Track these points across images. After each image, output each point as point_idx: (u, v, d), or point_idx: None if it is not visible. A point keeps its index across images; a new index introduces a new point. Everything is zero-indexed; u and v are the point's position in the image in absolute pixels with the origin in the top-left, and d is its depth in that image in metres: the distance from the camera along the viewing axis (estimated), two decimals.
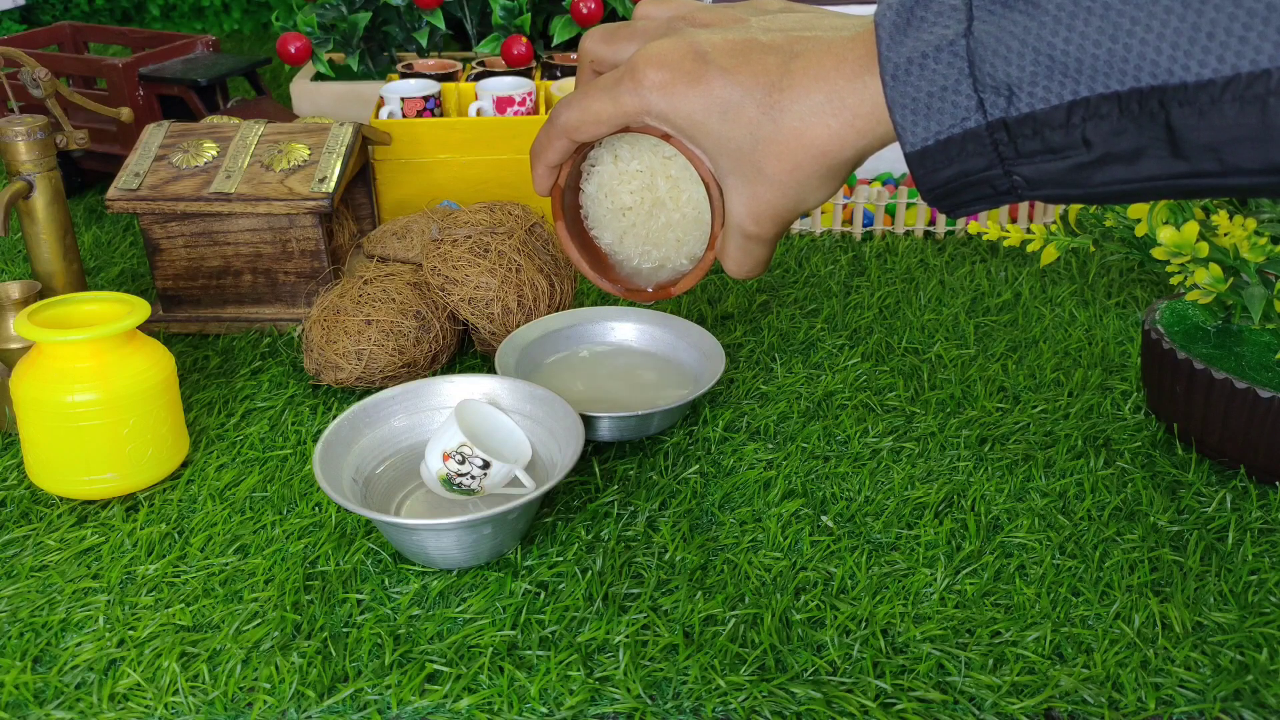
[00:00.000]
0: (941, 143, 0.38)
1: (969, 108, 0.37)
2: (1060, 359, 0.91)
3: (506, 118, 1.14)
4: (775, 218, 0.48)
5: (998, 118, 0.37)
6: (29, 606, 0.64)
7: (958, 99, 0.37)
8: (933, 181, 0.40)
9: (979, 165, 0.38)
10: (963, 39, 0.37)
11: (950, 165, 0.39)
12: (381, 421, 0.73)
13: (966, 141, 0.38)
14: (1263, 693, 0.58)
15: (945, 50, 0.37)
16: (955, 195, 0.40)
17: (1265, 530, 0.70)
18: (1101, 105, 0.35)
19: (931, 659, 0.60)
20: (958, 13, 0.37)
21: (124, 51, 1.54)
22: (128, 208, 0.92)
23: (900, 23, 0.39)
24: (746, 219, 0.48)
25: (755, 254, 0.51)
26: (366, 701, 0.57)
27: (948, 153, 0.38)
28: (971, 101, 0.37)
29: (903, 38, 0.39)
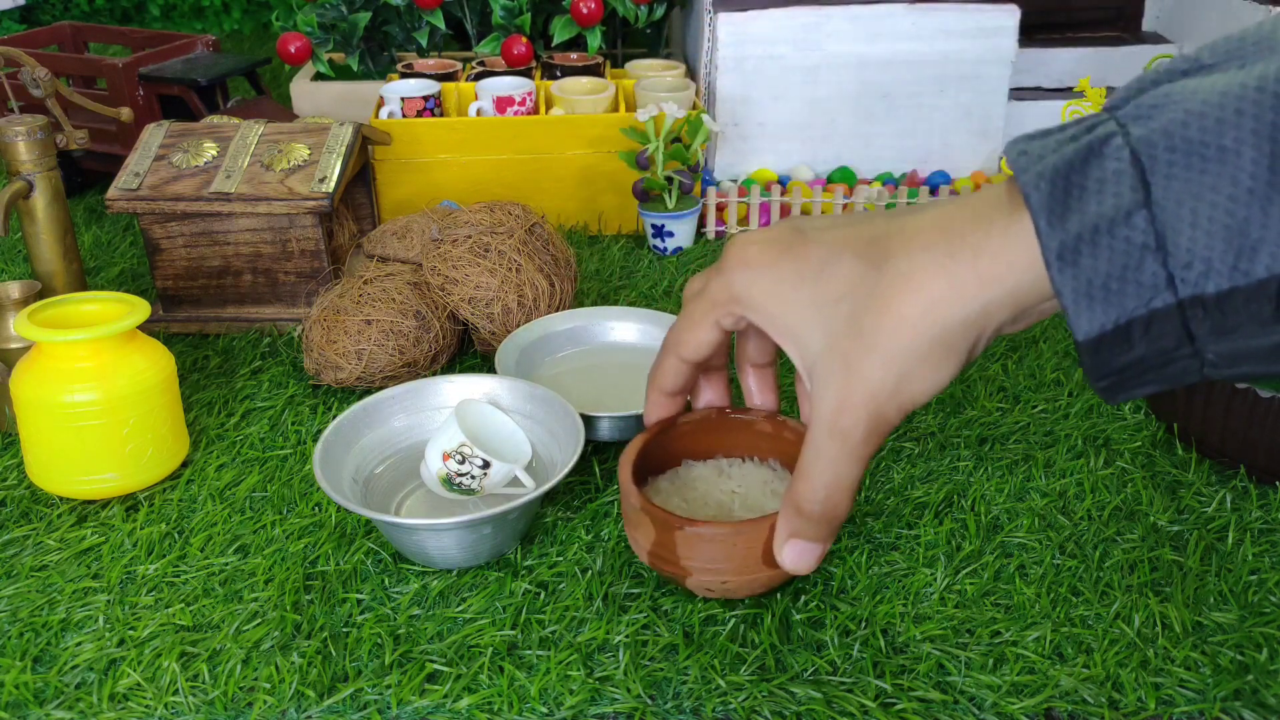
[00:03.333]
0: (1122, 327, 0.33)
1: (1157, 285, 0.32)
2: (1060, 359, 0.91)
3: (506, 118, 1.14)
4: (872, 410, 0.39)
5: (1190, 295, 0.32)
6: (29, 606, 0.64)
7: (1142, 277, 0.32)
8: (1107, 369, 0.34)
9: (1165, 347, 0.33)
10: (1142, 209, 0.32)
11: (1131, 350, 0.33)
12: (381, 421, 0.73)
13: (1153, 322, 0.32)
14: (1263, 693, 0.58)
15: (1122, 224, 0.32)
16: (1131, 380, 0.34)
17: (1265, 530, 0.70)
18: None
19: (931, 659, 0.60)
20: (1126, 178, 0.32)
21: (124, 51, 1.54)
22: (128, 208, 0.92)
23: (1057, 193, 0.33)
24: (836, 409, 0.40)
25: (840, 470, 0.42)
26: (366, 701, 0.57)
27: (1129, 337, 0.33)
28: (1159, 279, 0.32)
29: (1065, 211, 0.33)
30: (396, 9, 1.44)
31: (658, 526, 0.60)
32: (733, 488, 0.67)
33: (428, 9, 1.42)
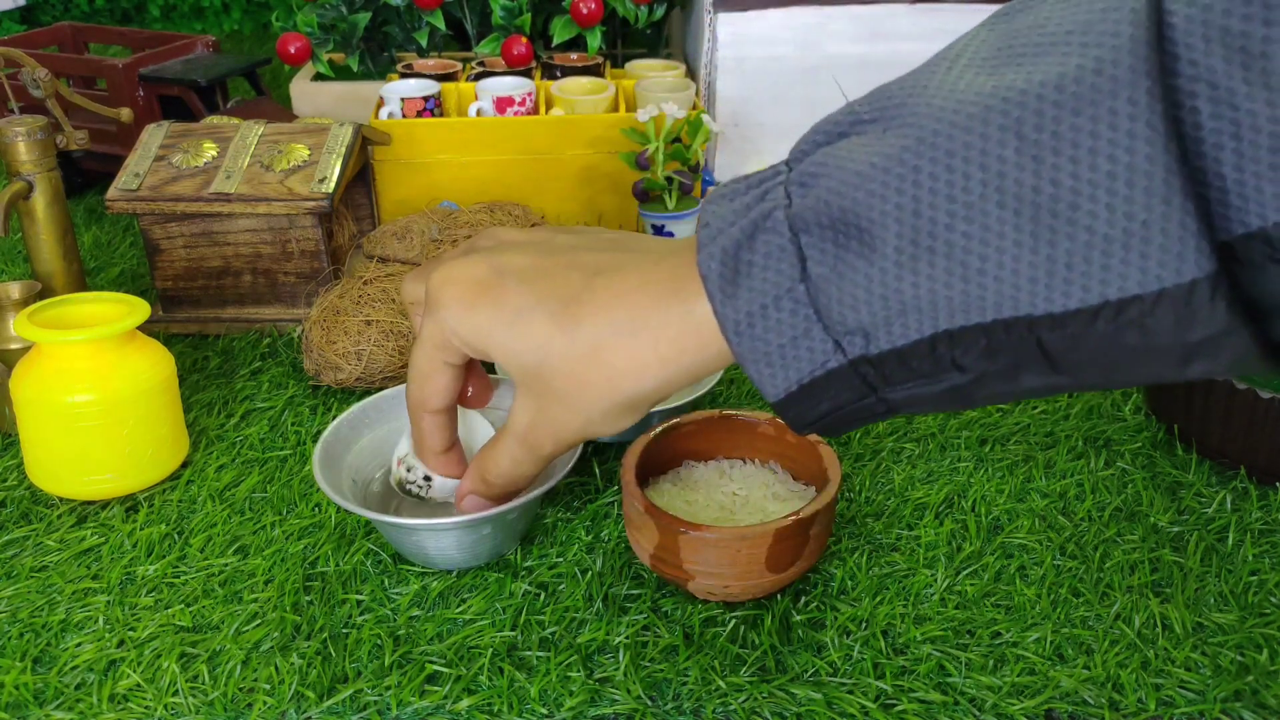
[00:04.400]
0: (805, 387, 0.36)
1: (826, 350, 0.35)
2: None
3: (506, 118, 1.14)
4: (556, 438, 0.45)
5: (858, 355, 0.34)
6: (29, 607, 0.64)
7: (812, 344, 0.35)
8: (805, 420, 0.37)
9: (850, 398, 0.36)
10: (800, 284, 0.34)
11: (820, 404, 0.36)
12: (382, 422, 0.73)
13: (831, 381, 0.35)
14: (1263, 693, 0.58)
15: (785, 298, 0.35)
16: (833, 427, 0.38)
17: (1266, 531, 0.70)
18: (966, 335, 0.32)
19: (932, 660, 0.60)
20: (787, 254, 0.35)
21: (124, 52, 1.54)
22: (128, 208, 0.92)
23: (728, 272, 0.36)
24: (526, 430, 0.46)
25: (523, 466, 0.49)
26: (366, 702, 0.57)
27: (814, 394, 0.36)
28: (827, 344, 0.35)
29: (735, 290, 0.36)
30: (396, 9, 1.44)
31: (661, 530, 0.60)
32: (734, 489, 0.67)
33: (428, 9, 1.42)
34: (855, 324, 0.34)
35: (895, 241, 0.32)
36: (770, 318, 0.35)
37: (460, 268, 0.46)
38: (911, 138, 0.31)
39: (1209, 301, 0.28)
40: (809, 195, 0.34)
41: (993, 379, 0.33)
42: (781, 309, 0.35)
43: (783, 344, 0.35)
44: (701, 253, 0.37)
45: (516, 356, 0.43)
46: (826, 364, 0.35)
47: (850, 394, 0.36)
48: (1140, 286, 0.28)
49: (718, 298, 0.36)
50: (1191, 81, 0.27)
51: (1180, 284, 0.28)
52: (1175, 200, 0.27)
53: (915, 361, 0.33)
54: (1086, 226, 0.29)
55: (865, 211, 0.32)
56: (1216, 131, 0.27)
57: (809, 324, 0.35)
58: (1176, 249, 0.28)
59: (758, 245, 0.35)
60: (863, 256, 0.33)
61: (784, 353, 0.35)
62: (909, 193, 0.31)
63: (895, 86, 0.34)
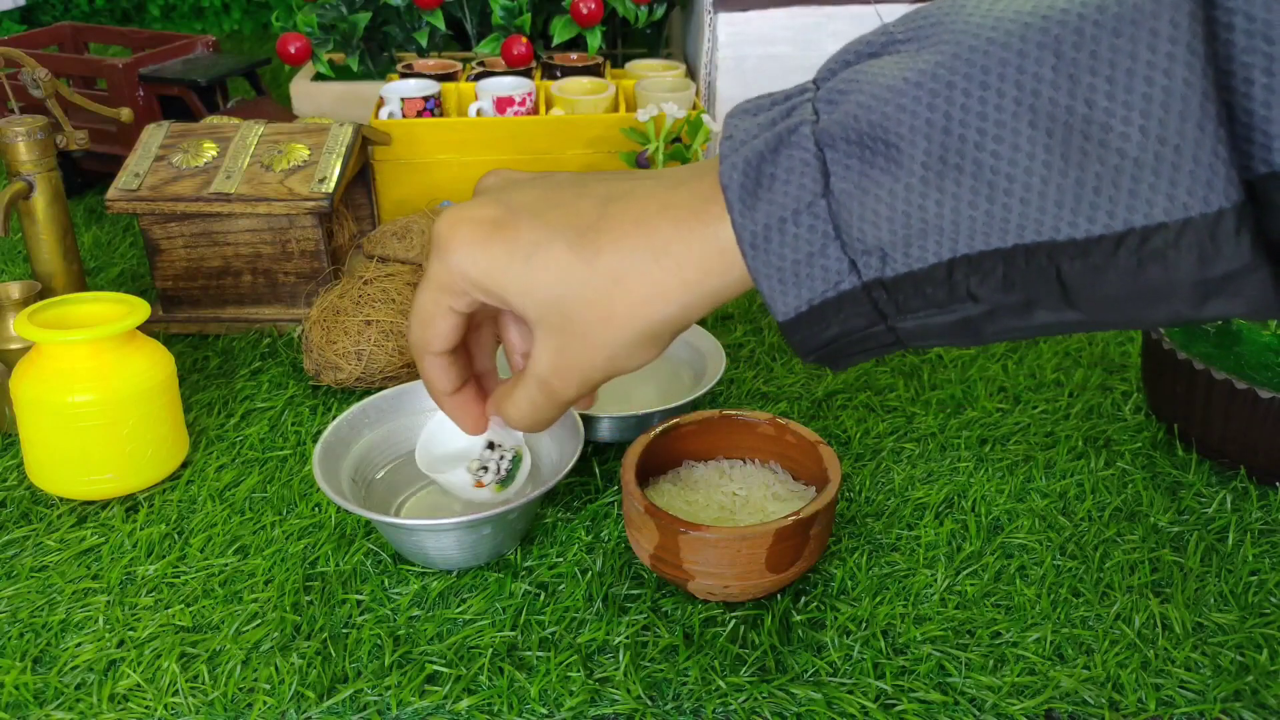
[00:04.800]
0: (816, 308, 0.35)
1: (841, 270, 0.34)
2: (1060, 359, 0.91)
3: (506, 118, 1.14)
4: (581, 378, 0.43)
5: (873, 278, 0.34)
6: (29, 607, 0.64)
7: (827, 262, 0.34)
8: (810, 345, 0.36)
9: (859, 325, 0.35)
10: (822, 199, 0.34)
11: (828, 328, 0.35)
12: (381, 422, 0.73)
13: (843, 303, 0.35)
14: (1263, 693, 0.58)
15: (805, 213, 0.34)
16: (837, 355, 0.37)
17: (1266, 531, 0.70)
18: (984, 261, 0.31)
19: (932, 660, 0.60)
20: (810, 169, 0.34)
21: (124, 52, 1.54)
22: (128, 208, 0.92)
23: (749, 184, 0.35)
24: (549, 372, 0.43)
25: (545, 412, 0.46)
26: (366, 702, 0.57)
27: (824, 316, 0.35)
28: (843, 264, 0.34)
29: (755, 201, 0.35)
30: (396, 9, 1.44)
31: (661, 530, 0.60)
32: (734, 489, 0.67)
33: (428, 9, 1.42)
34: (874, 243, 0.33)
35: (923, 158, 0.31)
36: (788, 232, 0.34)
37: (468, 208, 0.43)
38: (946, 54, 0.31)
39: (1234, 235, 0.27)
40: (837, 110, 0.34)
41: (1006, 313, 0.33)
42: (800, 224, 0.34)
43: (798, 260, 0.34)
44: (724, 164, 0.36)
45: (533, 293, 0.41)
46: (840, 285, 0.34)
47: (860, 319, 0.35)
48: (1167, 214, 0.28)
49: (737, 209, 0.35)
50: (1229, 14, 0.27)
51: (1207, 214, 0.28)
52: (1209, 127, 0.27)
53: (930, 288, 0.33)
54: (1118, 150, 0.28)
55: (894, 126, 0.32)
56: (1248, 66, 0.27)
57: (826, 241, 0.34)
58: (1206, 177, 0.27)
59: (781, 158, 0.35)
60: (888, 172, 0.32)
61: (798, 269, 0.35)
62: (940, 108, 0.31)
63: (932, 7, 0.33)
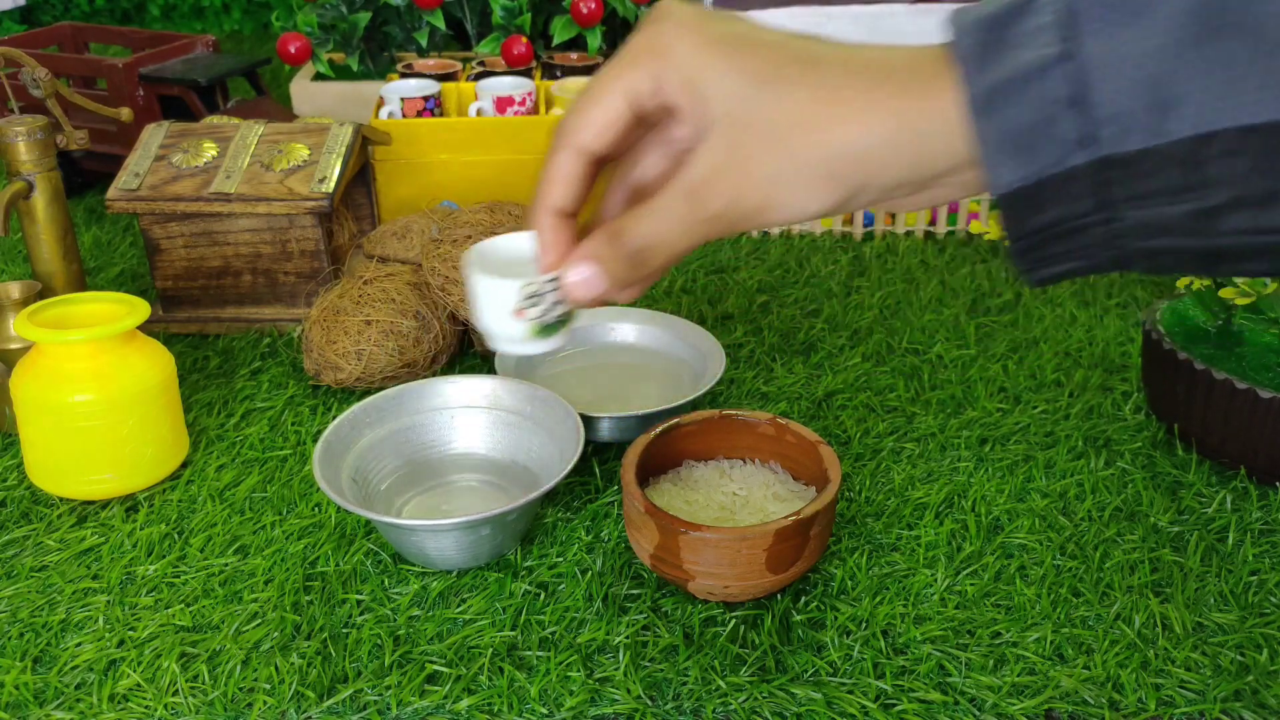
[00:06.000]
0: (1038, 184, 0.32)
1: (1072, 142, 0.31)
2: (1061, 359, 0.91)
3: (506, 118, 1.14)
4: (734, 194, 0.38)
5: (1108, 153, 0.31)
6: (29, 607, 0.64)
7: (1061, 131, 0.31)
8: (1023, 229, 0.34)
9: (1079, 210, 0.32)
10: (1067, 61, 0.31)
11: (1046, 210, 0.33)
12: (382, 422, 0.73)
13: (1067, 182, 0.32)
14: (1263, 693, 0.58)
15: (1048, 73, 0.31)
16: (1044, 247, 0.34)
17: (1265, 531, 0.70)
18: (1235, 139, 0.29)
19: (932, 660, 0.60)
20: (1055, 29, 0.31)
21: (124, 52, 1.54)
22: (128, 208, 0.92)
23: (986, 41, 0.32)
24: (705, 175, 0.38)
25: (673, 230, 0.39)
26: (366, 702, 0.57)
27: (1044, 195, 0.32)
28: (1078, 134, 0.31)
29: (990, 61, 0.32)
30: (396, 9, 1.44)
31: (661, 530, 0.59)
32: (734, 489, 0.67)
33: (428, 9, 1.42)
34: (1117, 110, 0.30)
35: (1182, 18, 0.29)
36: (1025, 93, 0.32)
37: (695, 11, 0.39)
38: None
39: None
40: None
41: (1245, 207, 0.30)
42: (1040, 85, 0.31)
43: (1032, 124, 0.32)
44: (954, 20, 0.33)
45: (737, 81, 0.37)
46: (1070, 159, 0.32)
47: (1082, 204, 0.32)
48: None
49: (970, 63, 0.33)
50: None
51: None
52: None
53: (1170, 168, 0.30)
54: None
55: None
56: None
57: (1064, 108, 0.31)
58: None
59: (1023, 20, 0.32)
60: (1144, 33, 0.30)
61: (1029, 137, 0.32)
62: None
63: None
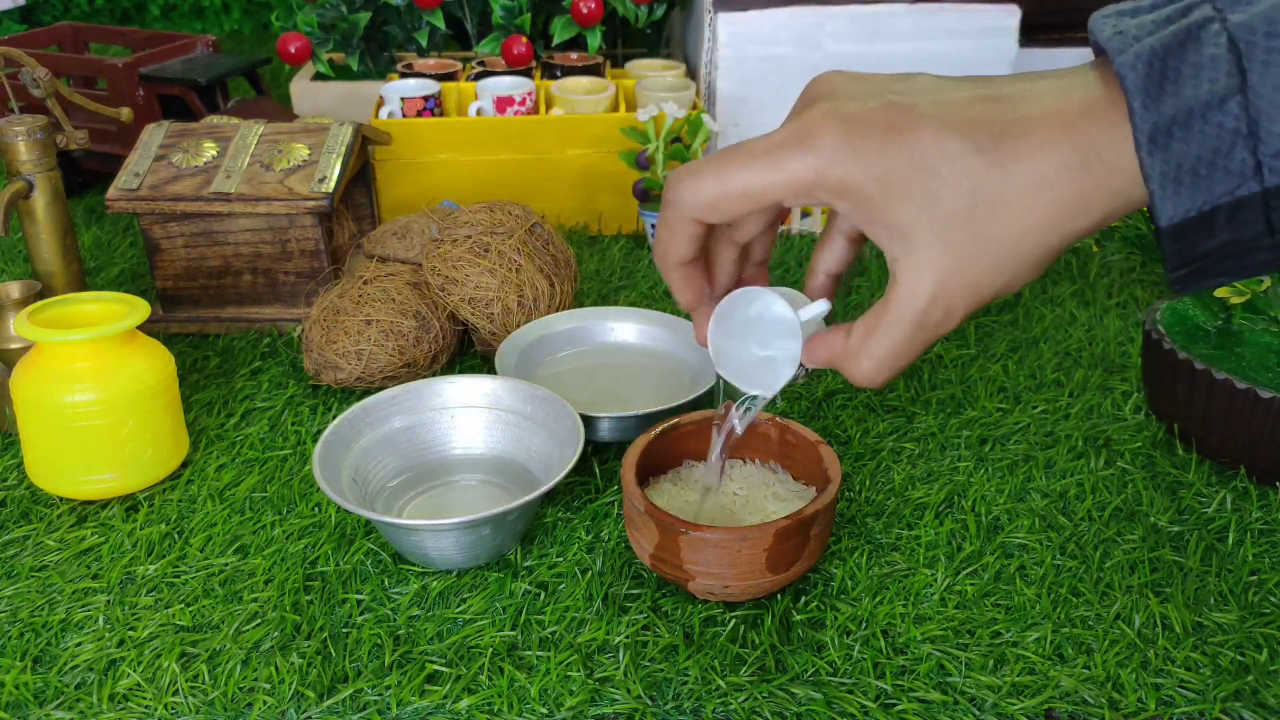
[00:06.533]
0: (1208, 213, 0.33)
1: (1244, 173, 0.32)
2: (1061, 359, 0.91)
3: (506, 118, 1.14)
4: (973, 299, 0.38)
5: (1277, 183, 0.32)
6: (29, 606, 0.64)
7: (1231, 164, 0.32)
8: (1188, 256, 0.34)
9: (1248, 235, 0.33)
10: (1237, 95, 0.31)
11: (1213, 238, 0.33)
12: (381, 422, 0.73)
13: (1237, 211, 0.32)
14: (1263, 693, 0.58)
15: (1217, 109, 0.32)
16: (1209, 270, 0.34)
17: (1265, 531, 0.70)
18: None
19: (932, 659, 0.60)
20: (1222, 64, 0.32)
21: (124, 51, 1.54)
22: (128, 208, 0.92)
23: (1154, 76, 0.33)
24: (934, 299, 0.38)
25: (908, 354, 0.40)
26: (366, 702, 0.57)
27: (1213, 225, 0.33)
28: (1248, 166, 0.32)
29: (1160, 95, 0.33)
30: (396, 9, 1.44)
31: (661, 530, 0.59)
32: (735, 489, 0.67)
33: (428, 9, 1.42)
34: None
35: None
36: (1194, 129, 0.32)
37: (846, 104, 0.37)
38: None
39: None
40: (1253, 9, 0.32)
41: None
42: (1209, 120, 0.32)
43: (1200, 159, 0.32)
44: (1119, 57, 0.33)
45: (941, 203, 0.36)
46: (1238, 190, 0.32)
47: (1250, 230, 0.33)
48: None
49: (1138, 102, 0.33)
50: None
51: None
52: None
53: None
54: None
55: None
56: None
57: (1237, 139, 0.32)
58: None
59: (1188, 54, 0.32)
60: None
61: (1198, 170, 0.32)
62: None
63: None
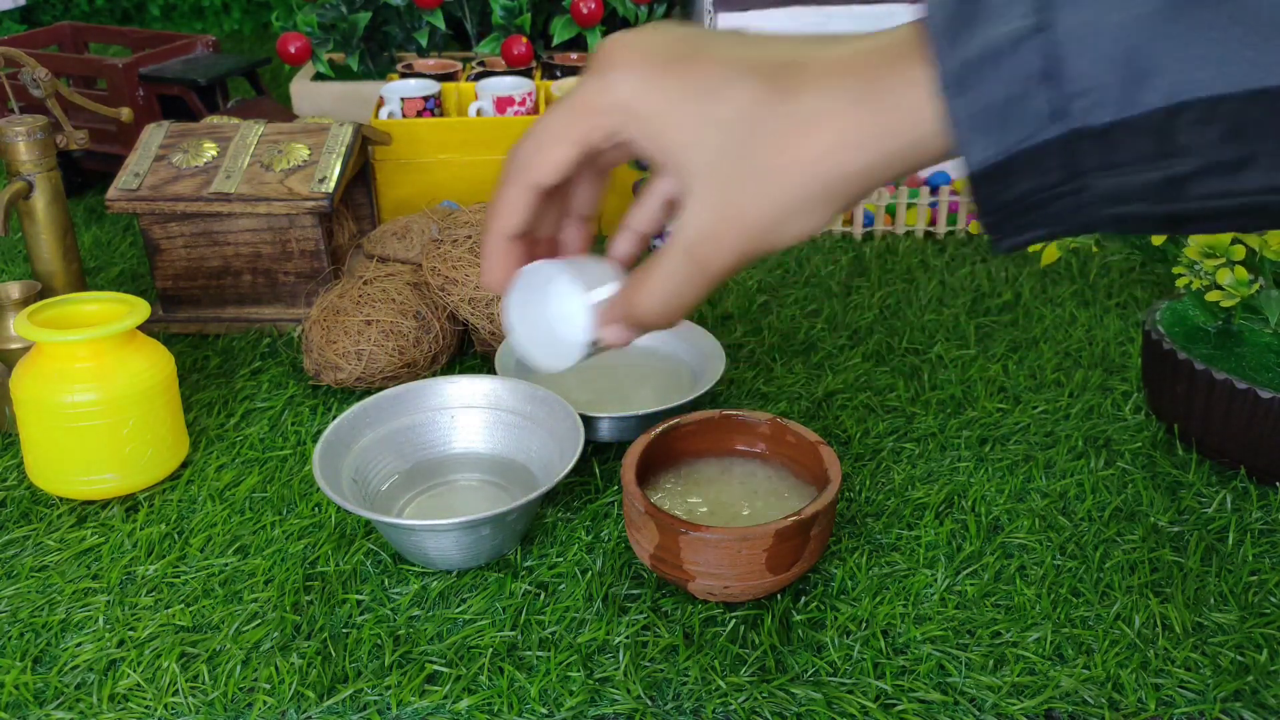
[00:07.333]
0: (1011, 158, 0.32)
1: (1045, 116, 0.31)
2: (1061, 359, 0.91)
3: (506, 118, 1.14)
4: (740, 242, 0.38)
5: (1080, 125, 0.31)
6: (29, 607, 0.64)
7: (1034, 105, 0.31)
8: (996, 202, 0.33)
9: (1049, 181, 0.32)
10: (1041, 33, 0.31)
11: (1019, 183, 0.33)
12: (381, 422, 0.73)
13: (1040, 155, 0.32)
14: (1263, 693, 0.58)
15: (1021, 47, 0.31)
16: (1015, 218, 0.34)
17: (1265, 531, 0.70)
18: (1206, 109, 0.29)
19: (932, 660, 0.60)
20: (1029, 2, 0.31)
21: (124, 51, 1.54)
22: (128, 208, 0.92)
23: (960, 16, 0.32)
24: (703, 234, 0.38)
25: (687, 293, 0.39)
26: (366, 702, 0.57)
27: (1016, 170, 0.32)
28: (1051, 107, 0.31)
29: (963, 36, 0.32)
30: (396, 9, 1.44)
31: (661, 530, 0.59)
32: (734, 489, 0.67)
33: (428, 9, 1.42)
34: (1091, 83, 0.30)
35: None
36: (998, 69, 0.31)
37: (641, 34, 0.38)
38: None
39: None
40: None
41: (1216, 172, 0.30)
42: (1013, 60, 0.31)
43: (1003, 101, 0.31)
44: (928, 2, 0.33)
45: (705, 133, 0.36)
46: (1042, 133, 0.31)
47: (1055, 174, 0.32)
48: None
49: (942, 43, 0.32)
50: None
51: None
52: None
53: (1142, 138, 0.30)
54: None
55: None
56: None
57: (1037, 82, 0.31)
58: None
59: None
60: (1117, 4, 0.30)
61: (1001, 113, 0.32)
62: None
63: None
